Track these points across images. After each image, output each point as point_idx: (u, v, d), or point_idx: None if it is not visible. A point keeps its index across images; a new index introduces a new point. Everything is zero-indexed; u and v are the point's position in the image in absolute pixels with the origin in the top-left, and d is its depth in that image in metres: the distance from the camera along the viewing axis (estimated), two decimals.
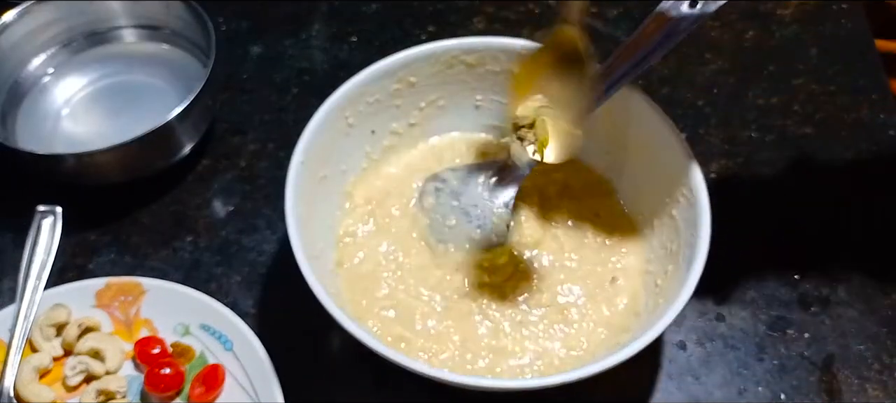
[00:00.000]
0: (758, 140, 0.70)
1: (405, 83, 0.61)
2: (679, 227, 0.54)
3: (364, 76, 0.60)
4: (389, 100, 0.62)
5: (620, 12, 0.80)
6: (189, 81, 0.69)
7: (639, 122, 0.58)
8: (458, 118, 0.64)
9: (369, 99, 0.60)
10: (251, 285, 0.62)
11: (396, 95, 0.62)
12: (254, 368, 0.55)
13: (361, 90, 0.60)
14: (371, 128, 0.62)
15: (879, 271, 0.62)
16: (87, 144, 0.63)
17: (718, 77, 0.75)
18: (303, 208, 0.54)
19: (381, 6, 0.81)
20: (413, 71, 0.61)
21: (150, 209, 0.66)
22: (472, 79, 0.63)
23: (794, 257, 0.63)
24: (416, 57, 0.61)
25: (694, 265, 0.50)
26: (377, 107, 0.61)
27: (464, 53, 0.61)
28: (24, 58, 0.71)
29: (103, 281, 0.59)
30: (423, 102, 0.63)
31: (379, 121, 0.62)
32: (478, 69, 0.62)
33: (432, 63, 0.61)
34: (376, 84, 0.60)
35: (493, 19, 0.80)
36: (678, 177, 0.55)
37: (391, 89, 0.61)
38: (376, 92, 0.61)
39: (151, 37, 0.74)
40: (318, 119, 0.57)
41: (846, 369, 0.57)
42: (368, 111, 0.61)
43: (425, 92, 0.63)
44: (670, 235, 0.55)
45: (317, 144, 0.57)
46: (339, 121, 0.59)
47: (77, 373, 0.55)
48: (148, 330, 0.58)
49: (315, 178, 0.57)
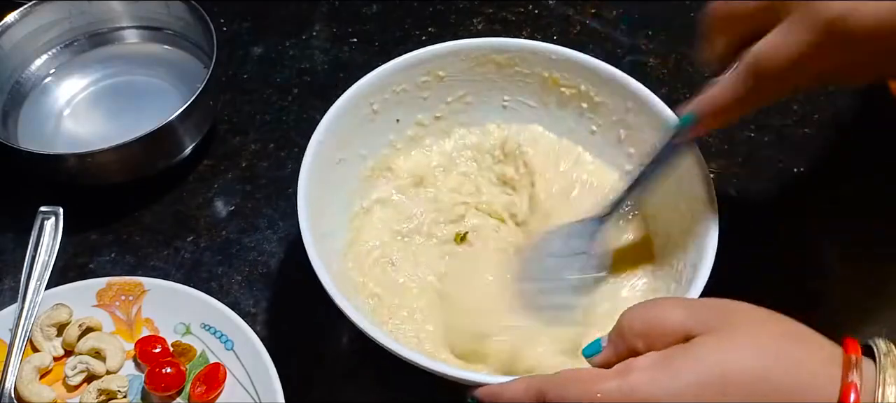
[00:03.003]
0: (757, 140, 0.70)
1: (434, 76, 0.62)
2: (687, 247, 0.54)
3: (393, 65, 0.60)
4: (417, 91, 0.62)
5: (620, 12, 0.80)
6: (190, 82, 0.69)
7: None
8: (485, 116, 0.64)
9: (397, 88, 0.61)
10: (252, 284, 0.62)
11: (424, 87, 0.62)
12: (254, 367, 0.55)
13: (390, 79, 0.60)
14: (396, 117, 0.62)
15: (880, 270, 0.62)
16: (88, 144, 0.64)
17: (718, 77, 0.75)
18: (316, 188, 0.55)
19: (382, 7, 0.81)
20: (443, 65, 0.61)
21: (152, 209, 0.66)
22: (501, 78, 0.63)
23: (793, 257, 0.63)
24: (447, 51, 0.61)
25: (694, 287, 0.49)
26: (404, 97, 0.61)
27: (495, 52, 0.61)
28: (25, 58, 0.71)
29: (104, 280, 0.59)
30: (450, 97, 0.63)
31: (404, 111, 0.62)
32: (507, 69, 0.62)
33: (463, 59, 0.61)
34: (405, 74, 0.61)
35: (493, 20, 0.80)
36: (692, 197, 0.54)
37: (419, 81, 0.61)
38: (404, 82, 0.61)
39: (153, 37, 0.74)
40: (341, 102, 0.58)
41: None
42: (395, 100, 0.61)
43: (453, 87, 0.63)
44: (678, 254, 0.55)
45: (338, 127, 0.58)
46: (363, 107, 0.60)
47: (78, 373, 0.56)
48: (149, 330, 0.58)
49: (332, 160, 0.58)
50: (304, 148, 0.70)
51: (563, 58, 0.61)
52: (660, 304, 0.42)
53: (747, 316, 0.38)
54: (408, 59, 0.61)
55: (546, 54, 0.61)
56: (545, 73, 0.62)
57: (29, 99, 0.70)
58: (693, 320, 0.38)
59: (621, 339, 0.40)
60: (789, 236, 0.64)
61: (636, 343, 0.39)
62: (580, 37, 0.78)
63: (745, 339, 0.37)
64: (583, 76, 0.61)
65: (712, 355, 0.36)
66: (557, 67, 0.61)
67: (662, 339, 0.38)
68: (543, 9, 0.81)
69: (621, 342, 0.40)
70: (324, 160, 0.57)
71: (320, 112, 0.72)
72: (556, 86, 0.62)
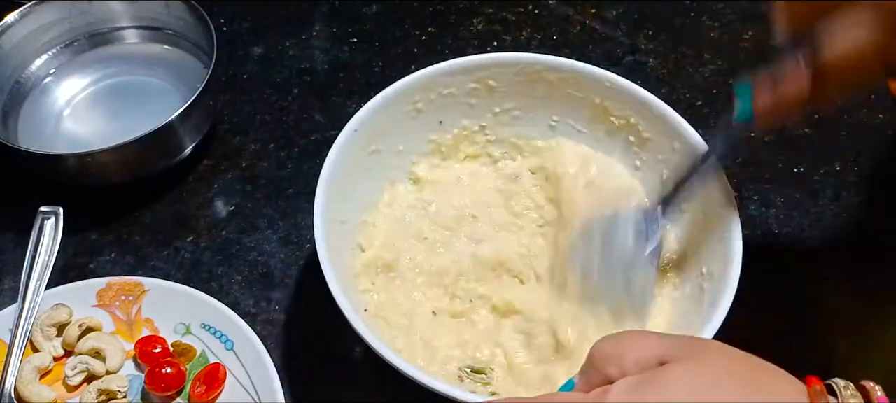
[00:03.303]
0: (757, 140, 0.70)
1: (484, 85, 0.61)
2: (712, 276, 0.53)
3: (443, 68, 0.60)
4: (464, 97, 0.61)
5: (620, 12, 0.80)
6: (190, 82, 0.69)
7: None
8: (531, 132, 0.63)
9: (443, 90, 0.60)
10: (252, 284, 0.62)
11: (472, 94, 0.61)
12: (254, 367, 0.55)
13: (438, 80, 0.60)
14: (439, 119, 0.62)
15: (880, 270, 0.62)
16: (88, 144, 0.64)
17: (718, 77, 0.75)
18: (341, 173, 0.55)
19: (382, 7, 0.81)
20: (494, 74, 0.61)
21: (152, 209, 0.66)
22: (552, 97, 0.61)
23: (793, 257, 0.63)
24: (498, 62, 0.61)
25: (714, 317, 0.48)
26: (450, 100, 0.61)
27: (548, 70, 0.60)
28: (25, 58, 0.71)
29: (104, 280, 0.59)
30: (498, 108, 0.62)
31: (449, 114, 0.62)
32: (559, 89, 0.61)
33: (515, 72, 0.61)
34: (454, 78, 0.60)
35: (493, 20, 0.80)
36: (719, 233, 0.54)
37: (468, 87, 0.61)
38: (452, 85, 0.60)
39: (153, 37, 0.74)
40: (384, 95, 0.58)
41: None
42: (440, 102, 0.61)
43: (502, 98, 0.62)
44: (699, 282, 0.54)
45: (376, 119, 0.58)
46: (406, 104, 0.59)
47: (78, 373, 0.56)
48: (149, 330, 0.58)
49: (365, 150, 0.58)
50: (304, 148, 0.70)
51: (616, 86, 0.59)
52: (632, 333, 0.42)
53: (719, 349, 0.39)
54: (459, 63, 0.60)
55: (600, 80, 0.59)
56: (597, 99, 0.60)
57: (29, 98, 0.70)
58: (666, 348, 0.38)
59: (594, 369, 0.39)
60: (789, 236, 0.64)
61: (609, 369, 0.38)
62: (580, 37, 0.78)
63: (718, 367, 0.37)
64: (634, 108, 0.59)
65: (687, 379, 0.36)
66: (610, 95, 0.60)
67: (636, 364, 0.38)
68: (543, 9, 0.81)
69: (594, 372, 0.39)
70: (355, 147, 0.57)
71: (320, 112, 0.73)
72: (607, 115, 0.60)
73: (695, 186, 0.54)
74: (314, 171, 0.68)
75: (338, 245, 0.54)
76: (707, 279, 0.53)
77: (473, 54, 0.61)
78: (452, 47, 0.78)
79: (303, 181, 0.68)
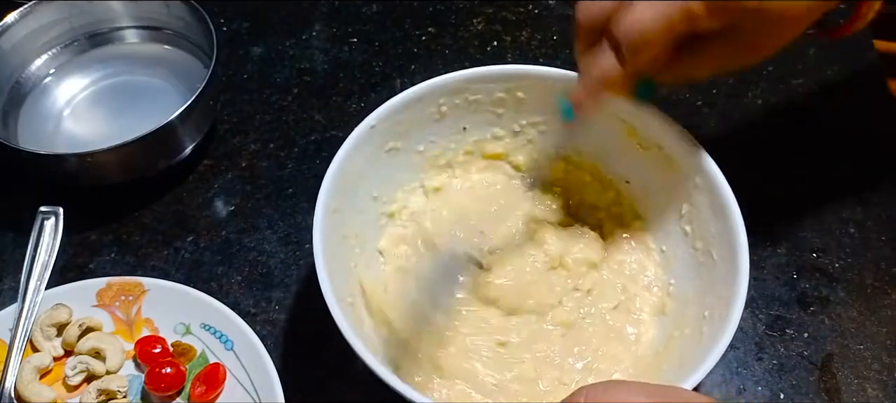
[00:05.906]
0: (757, 140, 0.70)
1: (513, 96, 0.60)
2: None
3: (471, 74, 0.59)
4: (491, 105, 0.60)
5: None
6: (190, 82, 0.70)
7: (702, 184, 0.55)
8: (555, 146, 0.61)
9: (470, 96, 0.59)
10: (252, 285, 0.62)
11: (499, 104, 0.60)
12: (254, 367, 0.55)
13: (464, 85, 0.59)
14: (463, 125, 0.61)
15: (879, 271, 0.62)
16: (88, 144, 0.64)
17: (718, 77, 0.75)
18: (351, 168, 0.55)
19: (382, 7, 0.81)
20: (524, 87, 0.59)
21: (152, 209, 0.66)
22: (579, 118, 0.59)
23: (793, 257, 0.63)
24: (530, 74, 0.59)
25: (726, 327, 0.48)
26: (476, 107, 0.60)
27: None
28: (25, 58, 0.71)
29: (104, 280, 0.59)
30: (525, 120, 0.61)
31: (474, 120, 0.61)
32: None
33: (548, 88, 0.58)
34: (482, 85, 0.59)
35: (493, 20, 0.80)
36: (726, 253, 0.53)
37: (495, 96, 0.60)
38: (480, 92, 0.59)
39: (153, 37, 0.74)
40: (406, 95, 0.57)
41: (845, 369, 0.58)
42: (466, 107, 0.60)
43: (530, 112, 0.61)
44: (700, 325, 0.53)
45: (396, 117, 0.57)
46: (429, 105, 0.59)
47: (78, 373, 0.56)
48: (149, 330, 0.58)
49: (382, 147, 0.58)
50: (304, 147, 0.70)
51: (646, 110, 0.56)
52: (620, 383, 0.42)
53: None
54: (487, 71, 0.59)
55: (630, 108, 0.57)
56: (623, 117, 0.58)
57: (29, 99, 0.70)
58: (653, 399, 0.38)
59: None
60: (789, 236, 0.64)
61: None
62: None
63: None
64: (660, 134, 0.57)
65: None
66: (637, 119, 0.57)
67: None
68: (543, 9, 0.81)
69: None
70: (371, 144, 0.56)
71: (320, 112, 0.73)
72: (634, 138, 0.58)
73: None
74: (314, 171, 0.69)
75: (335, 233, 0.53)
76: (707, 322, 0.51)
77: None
78: (452, 47, 0.78)
79: (303, 181, 0.68)
